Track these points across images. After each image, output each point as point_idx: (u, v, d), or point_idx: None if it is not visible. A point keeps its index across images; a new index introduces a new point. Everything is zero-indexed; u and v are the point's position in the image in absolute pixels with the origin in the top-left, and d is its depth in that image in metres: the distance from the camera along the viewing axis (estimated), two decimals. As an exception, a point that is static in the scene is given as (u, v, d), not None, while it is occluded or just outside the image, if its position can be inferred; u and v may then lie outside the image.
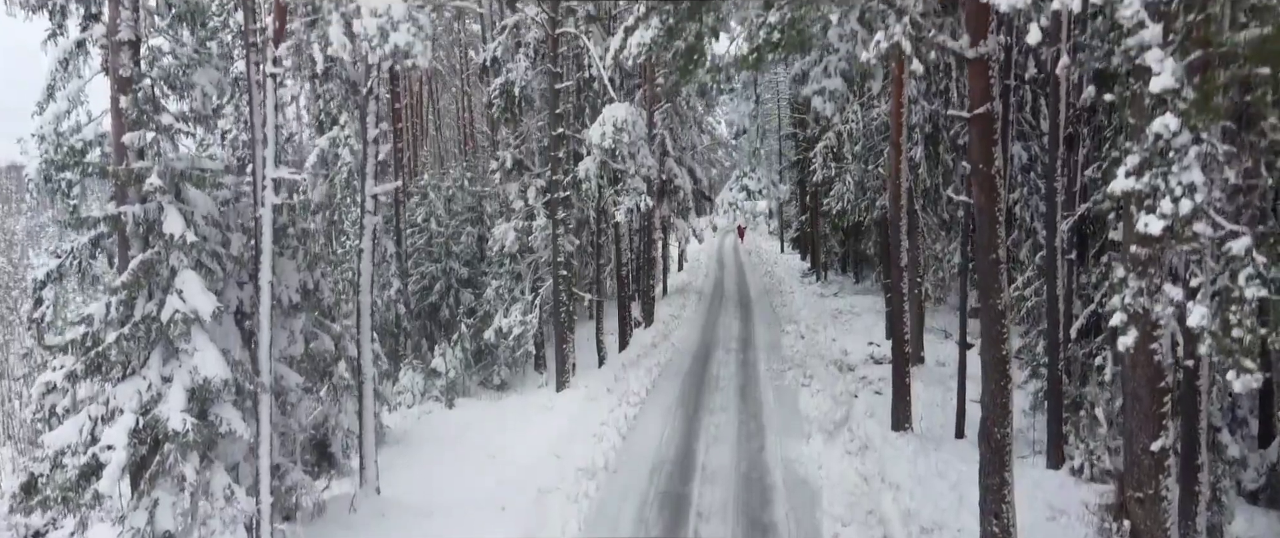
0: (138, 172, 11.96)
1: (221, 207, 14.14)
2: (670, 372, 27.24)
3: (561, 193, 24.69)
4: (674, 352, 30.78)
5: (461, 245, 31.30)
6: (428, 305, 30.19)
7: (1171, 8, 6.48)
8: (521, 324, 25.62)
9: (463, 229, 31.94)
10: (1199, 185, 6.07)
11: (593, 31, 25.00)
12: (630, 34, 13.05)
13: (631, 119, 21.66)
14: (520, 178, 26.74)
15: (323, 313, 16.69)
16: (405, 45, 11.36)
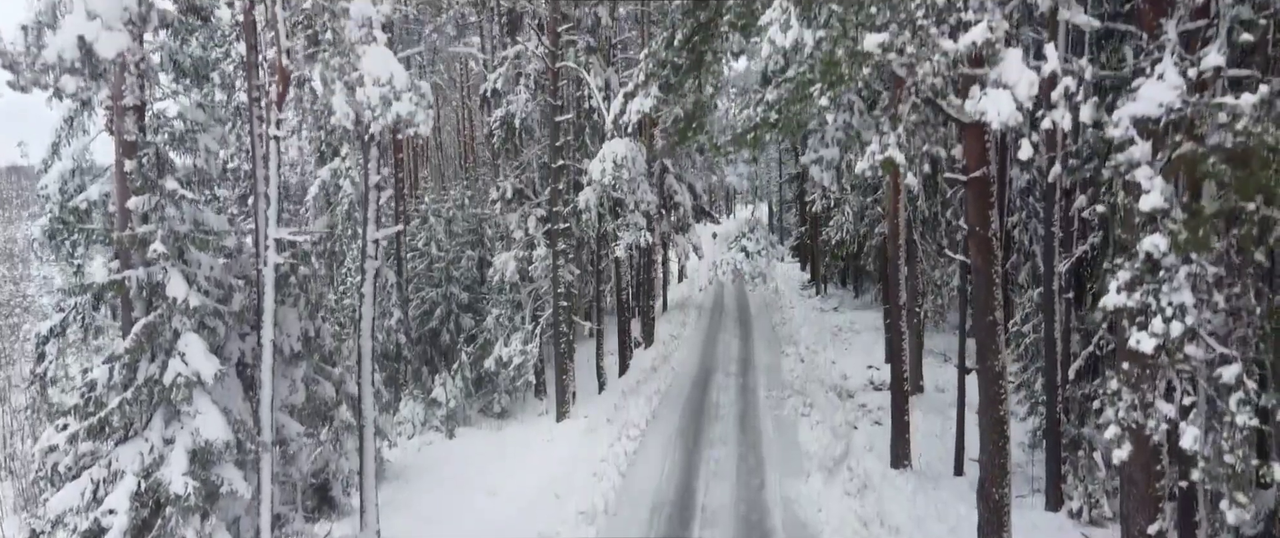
0: (142, 237, 12.03)
1: (224, 259, 14.21)
2: (670, 399, 27.32)
3: (562, 224, 24.76)
4: (674, 376, 30.86)
5: (461, 270, 31.38)
6: (428, 331, 30.25)
7: (1159, 126, 6.55)
8: (522, 353, 25.70)
9: (463, 253, 32.01)
10: (1190, 307, 6.14)
11: (593, 64, 25.07)
12: (630, 99, 13.11)
13: (631, 155, 21.73)
14: (521, 207, 26.82)
15: (324, 358, 16.74)
16: (407, 114, 11.42)
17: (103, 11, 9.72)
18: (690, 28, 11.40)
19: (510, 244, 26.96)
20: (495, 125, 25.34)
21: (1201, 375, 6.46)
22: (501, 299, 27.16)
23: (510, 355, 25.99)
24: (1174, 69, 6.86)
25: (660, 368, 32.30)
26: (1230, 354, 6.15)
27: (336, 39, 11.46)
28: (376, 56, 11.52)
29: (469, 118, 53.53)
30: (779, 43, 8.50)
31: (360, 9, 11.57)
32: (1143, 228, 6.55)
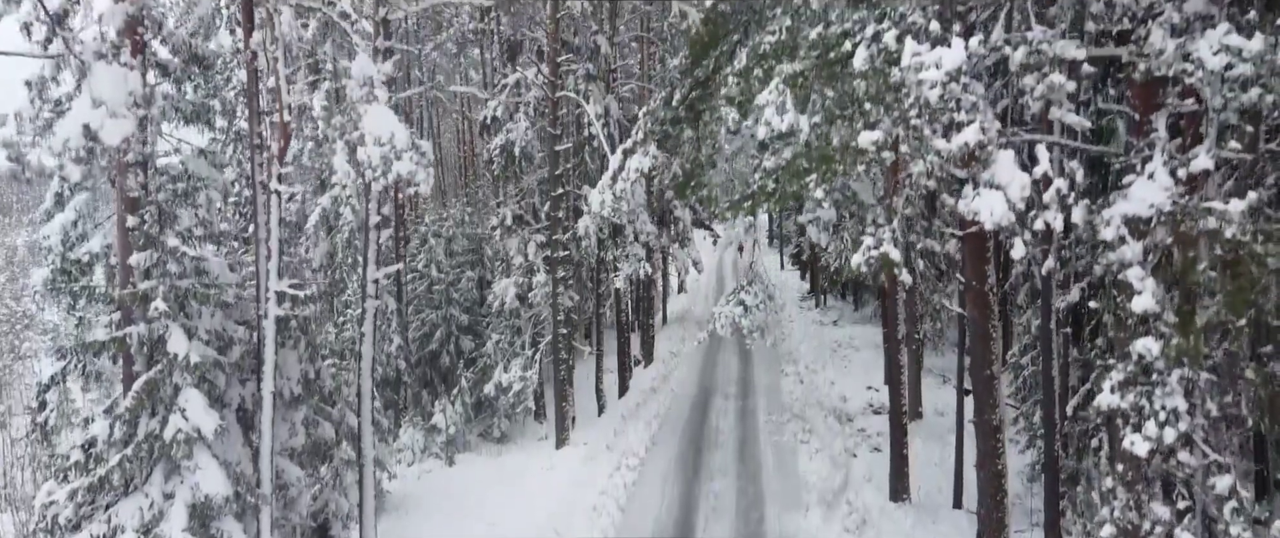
0: (144, 293, 12.09)
1: (225, 307, 14.27)
2: (670, 423, 27.36)
3: (562, 252, 24.82)
4: (673, 398, 30.88)
5: (461, 291, 31.43)
6: (428, 353, 30.31)
7: (1150, 227, 6.60)
8: (521, 380, 25.77)
9: (463, 274, 32.07)
10: (1182, 413, 6.20)
11: (592, 91, 25.14)
12: (629, 156, 13.19)
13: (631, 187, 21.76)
14: (520, 232, 26.89)
15: (323, 398, 16.81)
16: (408, 174, 11.48)
17: (108, 98, 9.79)
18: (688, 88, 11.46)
19: (510, 269, 27.03)
20: (495, 153, 25.40)
21: (1196, 482, 6.52)
22: (501, 324, 27.22)
23: (510, 381, 26.05)
24: (1164, 169, 6.92)
25: (660, 389, 32.34)
26: (1224, 462, 6.22)
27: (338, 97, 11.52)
28: (377, 115, 11.57)
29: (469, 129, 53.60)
30: (775, 125, 8.56)
31: (361, 68, 11.63)
32: (1135, 329, 6.62)
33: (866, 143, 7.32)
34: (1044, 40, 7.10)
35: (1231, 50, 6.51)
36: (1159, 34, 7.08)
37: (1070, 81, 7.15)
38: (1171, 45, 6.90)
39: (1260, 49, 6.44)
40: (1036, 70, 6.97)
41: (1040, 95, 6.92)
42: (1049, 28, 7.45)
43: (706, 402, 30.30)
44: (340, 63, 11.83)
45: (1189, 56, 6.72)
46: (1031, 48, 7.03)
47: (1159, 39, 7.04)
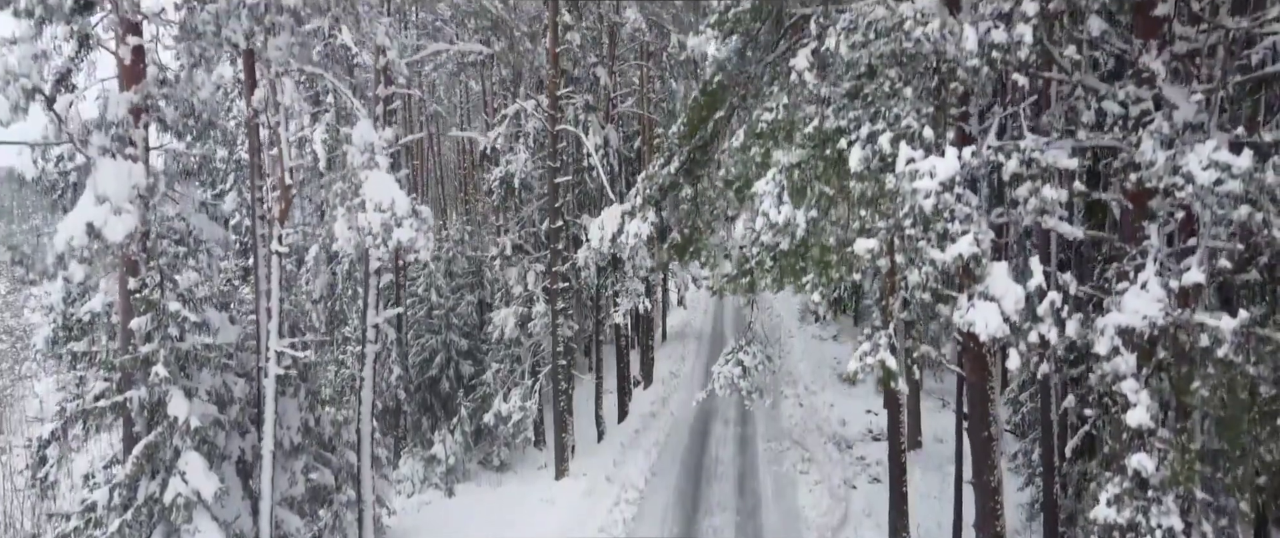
0: (145, 357, 12.15)
1: (226, 359, 14.33)
2: (669, 453, 27.39)
3: (561, 283, 24.88)
4: (673, 424, 30.90)
5: (460, 316, 31.44)
6: (428, 379, 30.34)
7: (1144, 340, 6.66)
8: (521, 410, 25.83)
9: (462, 298, 32.07)
10: (1178, 533, 6.25)
11: (591, 122, 25.20)
12: (629, 220, 13.24)
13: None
14: (520, 262, 26.94)
15: (323, 445, 16.89)
16: (408, 241, 11.53)
17: (112, 194, 9.86)
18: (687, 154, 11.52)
19: (510, 299, 27.08)
20: (495, 183, 25.47)
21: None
22: (501, 352, 27.27)
23: (510, 411, 26.11)
24: (1157, 280, 6.98)
25: (660, 413, 32.38)
26: (1215, 585, 6.28)
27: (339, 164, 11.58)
28: (378, 182, 11.63)
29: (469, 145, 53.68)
30: (772, 217, 8.62)
31: (362, 134, 11.68)
32: (1130, 443, 6.66)
33: (862, 250, 7.38)
34: (1036, 148, 7.15)
35: (1221, 166, 6.57)
36: (1149, 144, 7.14)
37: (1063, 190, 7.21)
38: (1162, 157, 6.96)
39: (1249, 166, 6.50)
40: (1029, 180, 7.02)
41: (1033, 209, 6.98)
42: (1042, 135, 7.51)
43: (706, 427, 30.32)
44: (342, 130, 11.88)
45: (1179, 170, 6.77)
46: (1024, 157, 7.08)
47: (1149, 149, 7.10)
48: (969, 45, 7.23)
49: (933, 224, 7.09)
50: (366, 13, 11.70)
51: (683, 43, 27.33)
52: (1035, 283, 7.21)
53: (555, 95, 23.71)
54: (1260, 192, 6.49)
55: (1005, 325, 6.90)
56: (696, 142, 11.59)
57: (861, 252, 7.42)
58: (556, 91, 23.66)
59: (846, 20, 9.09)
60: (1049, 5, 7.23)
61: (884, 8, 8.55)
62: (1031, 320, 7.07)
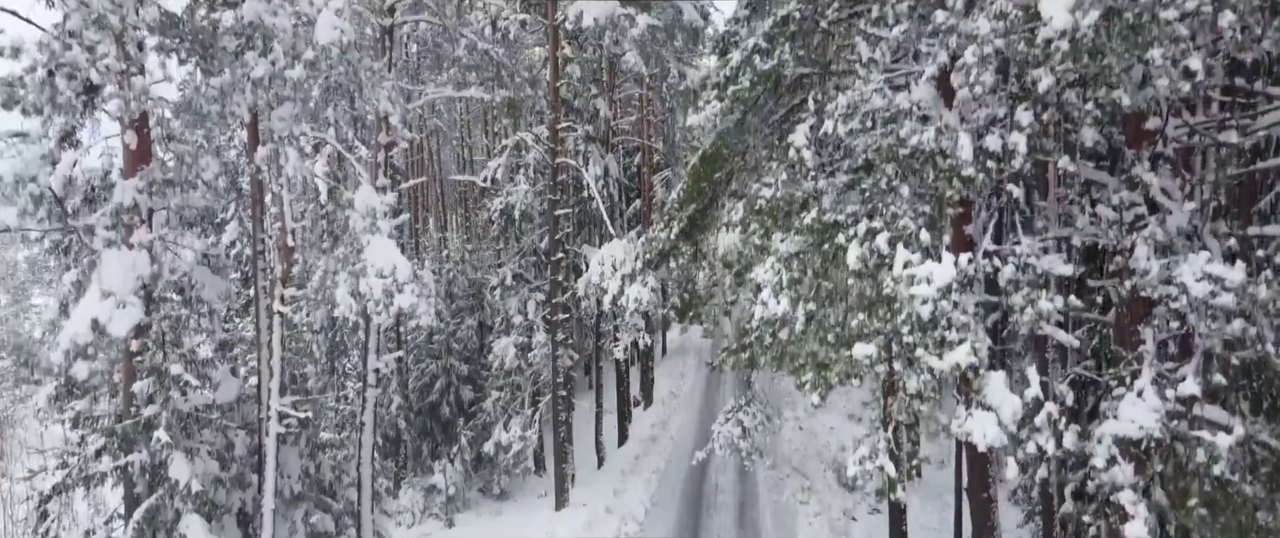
0: (147, 420, 12.20)
1: (226, 417, 14.39)
2: (669, 480, 27.43)
3: (561, 315, 24.94)
4: (674, 448, 30.94)
5: (461, 341, 31.48)
6: (428, 404, 30.37)
7: (1141, 449, 6.72)
8: (521, 440, 25.88)
9: (462, 321, 32.10)
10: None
11: (592, 152, 25.27)
12: (629, 283, 13.31)
13: (629, 256, 21.90)
14: (520, 291, 27.00)
15: (323, 490, 16.94)
16: (409, 307, 11.59)
17: (117, 287, 9.91)
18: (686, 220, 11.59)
19: (509, 328, 27.13)
20: (495, 214, 25.53)
21: None
22: (501, 381, 27.33)
23: (510, 441, 26.17)
24: (1152, 388, 7.04)
25: (660, 438, 32.44)
26: None
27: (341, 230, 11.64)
28: (380, 248, 11.68)
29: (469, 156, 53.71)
30: (771, 308, 8.69)
31: (365, 200, 11.74)
32: (1127, 557, 6.73)
33: (860, 355, 7.45)
34: (1031, 253, 7.22)
35: (1214, 279, 6.64)
36: (1143, 250, 7.21)
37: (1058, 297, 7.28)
38: (1156, 266, 7.03)
39: (1242, 280, 6.57)
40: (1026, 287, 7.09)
41: (1030, 319, 7.05)
42: (1037, 237, 7.58)
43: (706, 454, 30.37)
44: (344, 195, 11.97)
45: (1173, 280, 6.84)
46: (1020, 263, 7.15)
47: (1143, 257, 7.16)
48: (964, 154, 7.30)
49: (930, 331, 7.17)
50: (369, 78, 11.79)
51: (682, 73, 27.43)
52: (1032, 393, 7.28)
53: (556, 128, 23.78)
54: (1254, 306, 6.56)
55: (1003, 435, 6.97)
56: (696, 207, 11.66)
57: (860, 356, 7.49)
58: (557, 124, 23.73)
59: (845, 104, 9.16)
60: (1043, 115, 7.31)
61: (880, 97, 8.63)
62: (1029, 431, 7.15)
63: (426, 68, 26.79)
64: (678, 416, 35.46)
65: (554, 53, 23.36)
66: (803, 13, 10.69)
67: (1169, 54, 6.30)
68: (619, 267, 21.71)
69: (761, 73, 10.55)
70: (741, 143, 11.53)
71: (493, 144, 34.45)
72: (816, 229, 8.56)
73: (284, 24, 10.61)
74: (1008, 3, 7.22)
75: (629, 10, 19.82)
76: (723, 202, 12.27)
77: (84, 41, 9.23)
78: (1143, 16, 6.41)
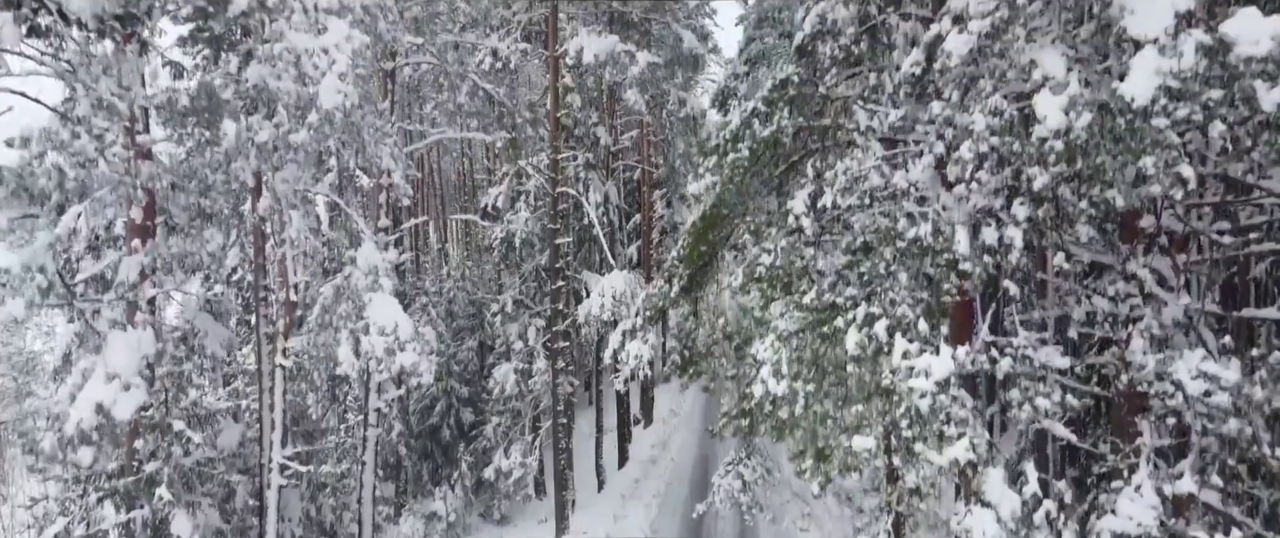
0: (149, 476, 12.27)
1: (228, 460, 14.46)
2: (669, 505, 27.47)
3: (562, 343, 25.00)
4: (674, 470, 30.98)
5: (461, 362, 31.51)
6: (428, 427, 30.43)
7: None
8: (521, 466, 25.95)
9: (463, 342, 32.14)
10: None
11: (592, 179, 25.34)
12: (629, 339, 13.38)
13: (630, 289, 21.98)
14: (521, 317, 27.06)
15: (324, 531, 17.01)
16: (411, 365, 11.66)
17: (122, 368, 9.97)
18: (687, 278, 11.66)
19: (510, 353, 27.19)
20: (496, 241, 25.61)
21: None
22: (502, 408, 27.40)
23: (510, 467, 26.23)
24: (1150, 484, 7.11)
25: (660, 459, 32.47)
26: None
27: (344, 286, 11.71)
28: (382, 305, 11.75)
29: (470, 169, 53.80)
30: (771, 388, 8.77)
31: (368, 257, 11.81)
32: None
33: (860, 447, 7.53)
34: (1028, 345, 7.29)
35: (1209, 377, 6.70)
36: (1139, 343, 7.28)
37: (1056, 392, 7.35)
38: (1152, 361, 7.09)
39: (1237, 380, 6.63)
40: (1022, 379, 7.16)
41: (1028, 416, 7.12)
42: (1035, 331, 7.66)
43: (706, 476, 30.40)
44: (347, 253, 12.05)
45: (1169, 376, 6.91)
46: (1017, 356, 7.22)
47: (1139, 350, 7.23)
48: (961, 248, 7.37)
49: (929, 425, 7.24)
50: (372, 135, 11.85)
51: (682, 99, 27.50)
52: (1031, 490, 7.36)
53: (557, 158, 23.85)
54: (1250, 406, 6.63)
55: (1003, 533, 7.04)
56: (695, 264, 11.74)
57: (859, 448, 7.57)
58: (558, 155, 23.80)
59: (843, 179, 9.24)
60: (1038, 211, 7.39)
61: (878, 175, 8.70)
62: (1027, 528, 7.22)
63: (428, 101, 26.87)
64: (678, 435, 35.50)
65: (554, 83, 23.43)
66: (801, 77, 10.77)
67: (1161, 160, 6.38)
68: (619, 299, 21.79)
69: (761, 140, 10.64)
70: (741, 205, 11.61)
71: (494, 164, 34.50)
72: (815, 309, 8.64)
73: (288, 87, 10.67)
74: (1001, 98, 7.30)
75: (629, 47, 19.88)
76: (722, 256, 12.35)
77: (92, 129, 9.31)
78: (1135, 122, 6.49)
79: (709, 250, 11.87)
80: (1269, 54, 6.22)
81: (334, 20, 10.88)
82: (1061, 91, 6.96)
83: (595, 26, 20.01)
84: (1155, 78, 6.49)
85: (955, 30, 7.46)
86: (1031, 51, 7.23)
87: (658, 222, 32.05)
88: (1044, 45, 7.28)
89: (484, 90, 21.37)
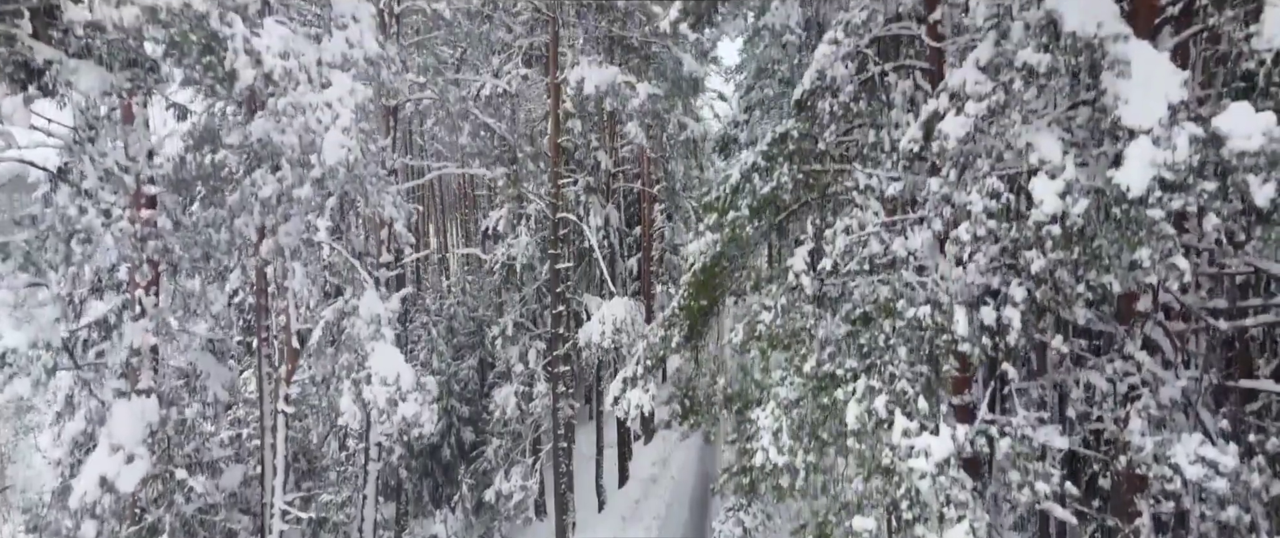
0: (152, 525, 12.32)
1: (229, 502, 14.52)
2: (671, 525, 27.51)
3: (562, 367, 25.06)
4: (674, 490, 31.01)
5: (461, 381, 31.57)
6: (429, 446, 30.50)
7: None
8: (522, 490, 26.00)
9: (464, 360, 32.18)
10: None
11: (592, 203, 25.41)
12: (629, 387, 13.46)
13: (631, 315, 22.04)
14: (521, 340, 27.12)
15: (326, 567, 17.08)
16: (413, 416, 11.71)
17: (126, 440, 10.02)
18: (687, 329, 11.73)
19: (510, 376, 27.25)
20: (497, 265, 25.67)
21: None
22: (503, 431, 27.46)
23: (511, 490, 26.29)
24: (1149, 568, 7.18)
25: (660, 477, 32.51)
26: None
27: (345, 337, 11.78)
28: (384, 355, 11.80)
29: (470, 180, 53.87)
30: (772, 457, 8.83)
31: (370, 307, 11.87)
32: None
33: (861, 528, 7.60)
34: (1027, 424, 7.35)
35: (1207, 461, 6.76)
36: (1137, 423, 7.33)
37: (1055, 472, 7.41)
38: (1150, 444, 7.15)
39: (1235, 466, 6.69)
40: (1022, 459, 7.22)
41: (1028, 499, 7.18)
42: (1033, 410, 7.72)
43: (705, 496, 30.52)
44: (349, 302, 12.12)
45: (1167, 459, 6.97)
46: (1016, 436, 7.28)
47: (1137, 430, 7.29)
48: (960, 329, 7.43)
49: (929, 507, 7.31)
50: (375, 185, 11.92)
51: (683, 124, 27.57)
52: (1028, 575, 7.42)
53: (557, 183, 23.91)
54: (1248, 494, 6.68)
55: (999, 614, 7.10)
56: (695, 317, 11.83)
57: (860, 529, 7.65)
58: (558, 180, 23.86)
59: (843, 239, 9.29)
60: (1036, 293, 7.45)
61: (878, 241, 8.76)
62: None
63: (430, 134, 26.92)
64: (678, 453, 35.52)
65: (555, 109, 23.48)
66: (800, 131, 10.83)
67: (1157, 252, 6.44)
68: (620, 326, 21.85)
69: (761, 197, 10.70)
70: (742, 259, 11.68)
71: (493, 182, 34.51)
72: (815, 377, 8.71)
73: (292, 140, 10.73)
74: (997, 180, 7.36)
75: (629, 78, 19.94)
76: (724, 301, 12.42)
77: (99, 202, 9.39)
78: (1131, 211, 6.54)
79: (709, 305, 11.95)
80: (1261, 149, 6.28)
81: (338, 74, 10.94)
82: (1058, 176, 7.02)
83: (595, 57, 20.07)
84: (1150, 169, 6.54)
85: (953, 110, 7.52)
86: (1028, 134, 7.29)
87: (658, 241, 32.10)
88: (1040, 128, 7.34)
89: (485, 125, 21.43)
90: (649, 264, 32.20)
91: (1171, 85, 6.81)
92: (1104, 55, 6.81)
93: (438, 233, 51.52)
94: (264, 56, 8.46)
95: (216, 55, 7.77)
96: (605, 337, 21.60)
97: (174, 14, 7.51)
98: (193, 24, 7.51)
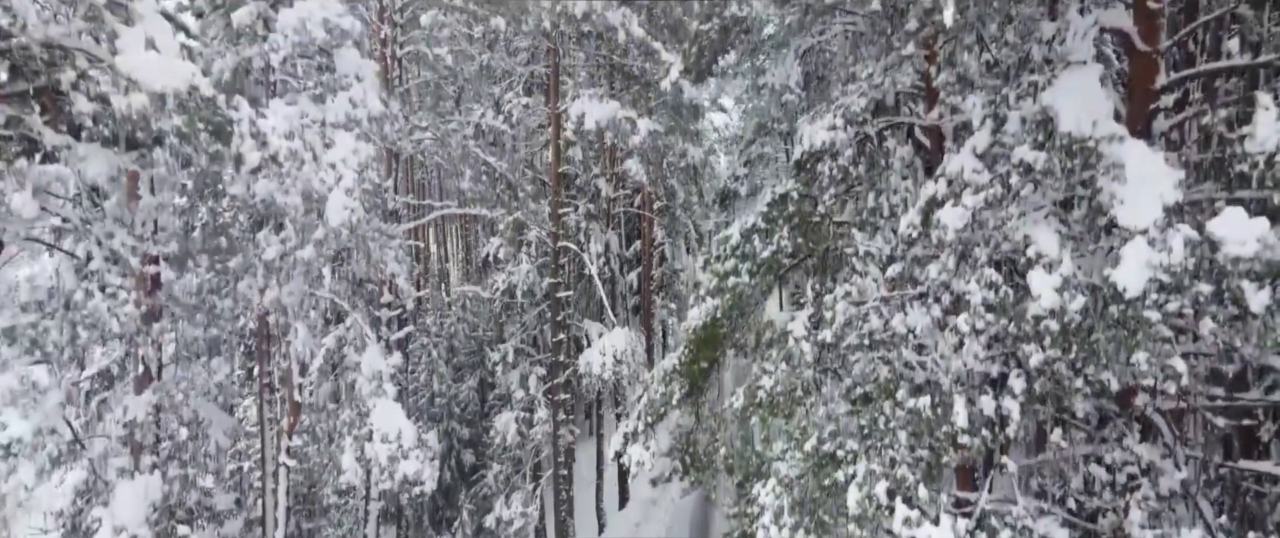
0: (155, 578, 12.38)
1: None
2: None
3: (563, 394, 25.13)
4: (675, 512, 31.10)
5: (462, 403, 31.59)
6: (430, 469, 30.46)
7: None
8: (522, 517, 26.04)
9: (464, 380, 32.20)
10: None
11: (593, 229, 25.49)
12: (631, 442, 13.53)
13: (631, 346, 22.11)
14: (521, 365, 27.19)
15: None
16: (414, 474, 11.78)
17: (129, 521, 10.09)
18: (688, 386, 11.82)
19: (511, 403, 27.31)
20: (498, 292, 25.74)
21: None
22: (504, 456, 27.51)
23: (511, 516, 26.33)
24: (1148, 660, 7.24)
25: (660, 500, 32.59)
26: None
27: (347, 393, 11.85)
28: (386, 411, 11.87)
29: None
30: (773, 536, 8.90)
31: (372, 362, 11.94)
32: None
33: (859, 607, 7.68)
34: (1028, 515, 7.42)
35: (1206, 556, 6.83)
36: (1137, 515, 7.41)
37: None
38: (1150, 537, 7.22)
39: (1233, 562, 6.75)
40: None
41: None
42: (1034, 498, 7.79)
43: (706, 519, 30.56)
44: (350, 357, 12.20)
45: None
46: (1017, 527, 7.35)
47: (1137, 522, 7.36)
48: (960, 420, 7.51)
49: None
50: (377, 241, 12.00)
51: (683, 151, 27.65)
52: None
53: (558, 212, 24.00)
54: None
55: None
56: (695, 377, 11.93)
57: (860, 620, 7.74)
58: (559, 208, 23.95)
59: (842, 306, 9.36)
60: (1035, 386, 7.53)
61: (877, 316, 8.83)
62: None
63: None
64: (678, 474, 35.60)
65: (556, 138, 23.57)
66: (800, 193, 10.90)
67: (1155, 355, 6.51)
68: (620, 357, 21.92)
69: (760, 261, 10.78)
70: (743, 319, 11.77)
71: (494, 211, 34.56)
72: (815, 456, 8.79)
73: (295, 201, 10.81)
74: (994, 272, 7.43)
75: (630, 113, 20.03)
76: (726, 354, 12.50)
77: (105, 287, 9.47)
78: (1128, 312, 6.62)
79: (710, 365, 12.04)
80: (1256, 255, 6.35)
81: (341, 134, 11.02)
82: (1055, 270, 7.09)
83: (595, 91, 20.15)
84: (1146, 270, 6.62)
85: (950, 200, 7.60)
86: (1025, 227, 7.37)
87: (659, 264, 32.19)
88: (1037, 220, 7.41)
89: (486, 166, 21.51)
90: (649, 285, 32.29)
91: (1166, 186, 6.88)
92: (1099, 158, 6.88)
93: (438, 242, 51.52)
94: (270, 138, 8.54)
95: (223, 140, 7.85)
96: (606, 368, 21.68)
97: (181, 101, 7.58)
98: (199, 111, 7.58)
